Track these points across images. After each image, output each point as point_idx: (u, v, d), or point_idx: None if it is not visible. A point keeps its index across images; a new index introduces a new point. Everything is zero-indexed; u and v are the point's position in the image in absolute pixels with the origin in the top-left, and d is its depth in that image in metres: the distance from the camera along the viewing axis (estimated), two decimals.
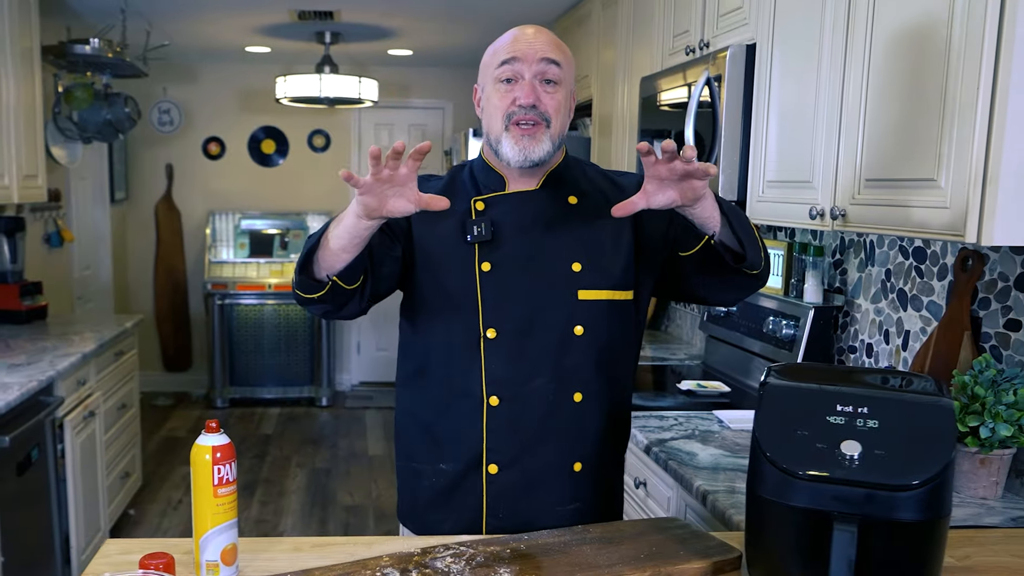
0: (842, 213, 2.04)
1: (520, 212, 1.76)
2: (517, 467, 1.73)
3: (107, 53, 4.42)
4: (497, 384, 1.72)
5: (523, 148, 1.69)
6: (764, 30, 2.44)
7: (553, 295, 1.73)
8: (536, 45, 1.70)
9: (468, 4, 4.57)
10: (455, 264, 1.74)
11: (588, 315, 1.73)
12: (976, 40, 1.61)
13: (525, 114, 1.68)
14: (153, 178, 6.90)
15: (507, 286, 1.72)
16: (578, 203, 1.77)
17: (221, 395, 6.56)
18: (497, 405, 1.72)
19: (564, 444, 1.75)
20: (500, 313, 1.72)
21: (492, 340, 1.72)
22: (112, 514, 4.06)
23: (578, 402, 1.74)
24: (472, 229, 1.73)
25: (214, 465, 1.44)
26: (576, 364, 1.74)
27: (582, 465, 1.76)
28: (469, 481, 1.75)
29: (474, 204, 1.77)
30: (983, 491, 1.93)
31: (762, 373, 2.88)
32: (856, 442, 1.42)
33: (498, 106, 1.71)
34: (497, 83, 1.71)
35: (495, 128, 1.72)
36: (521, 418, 1.72)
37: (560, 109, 1.71)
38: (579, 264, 1.73)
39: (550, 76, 1.70)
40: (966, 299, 2.11)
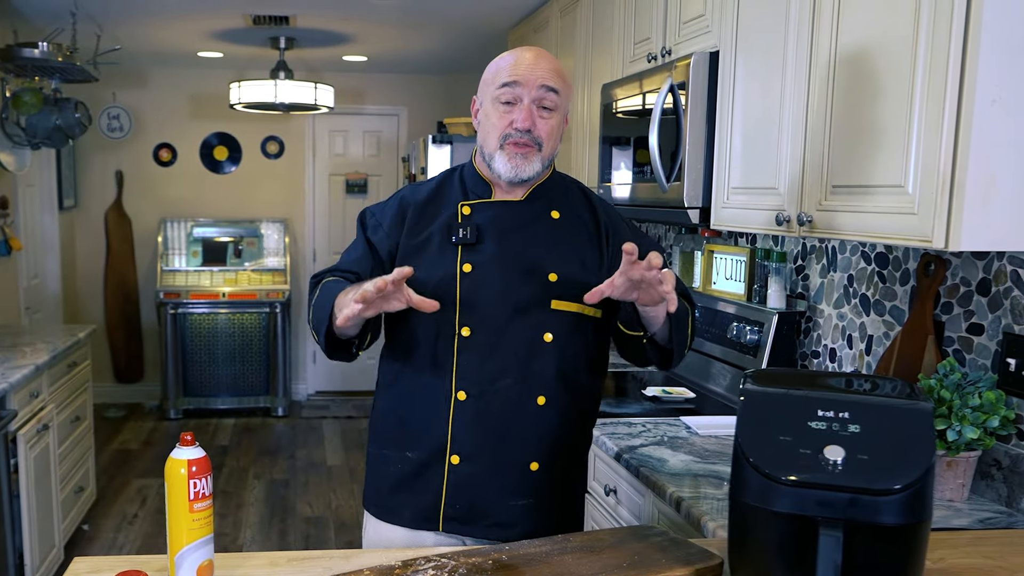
0: (809, 219, 2.06)
1: (504, 220, 1.86)
2: (477, 460, 1.82)
3: (57, 57, 4.31)
4: (466, 380, 1.81)
5: (515, 167, 1.81)
6: (727, 37, 2.46)
7: (528, 301, 1.81)
8: (537, 72, 1.79)
9: (424, 10, 4.55)
10: (438, 263, 1.83)
11: (558, 325, 1.82)
12: (942, 45, 1.63)
13: (520, 137, 1.79)
14: (102, 185, 6.76)
15: (484, 288, 1.81)
16: (560, 218, 1.88)
17: (174, 406, 6.44)
18: (464, 400, 1.81)
19: (523, 443, 1.83)
20: (475, 313, 1.81)
21: (466, 338, 1.81)
22: (66, 529, 3.96)
23: (540, 405, 1.82)
24: (458, 231, 1.84)
25: (190, 479, 1.41)
26: (542, 369, 1.82)
27: (539, 465, 1.84)
28: (432, 469, 1.84)
29: (460, 208, 1.87)
30: (950, 493, 1.96)
31: (725, 378, 2.93)
32: (839, 447, 1.43)
33: (496, 125, 1.82)
34: (496, 103, 1.82)
35: (490, 144, 1.83)
36: (486, 414, 1.81)
37: (552, 133, 1.83)
38: (556, 275, 1.82)
39: (547, 103, 1.80)
40: (929, 304, 2.15)
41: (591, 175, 3.57)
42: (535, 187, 1.89)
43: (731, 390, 2.91)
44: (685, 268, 3.42)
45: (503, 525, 1.84)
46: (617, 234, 1.91)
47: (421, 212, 1.91)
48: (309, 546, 4.27)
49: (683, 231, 3.50)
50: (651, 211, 2.86)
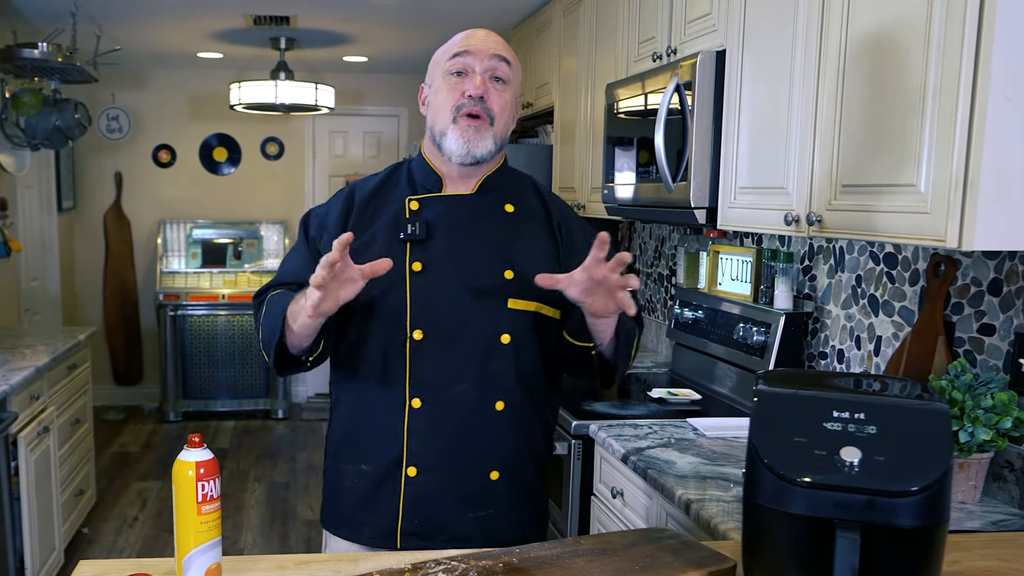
0: (818, 219, 2.04)
1: (455, 214, 1.76)
2: (435, 471, 1.73)
3: (56, 58, 4.29)
4: (420, 387, 1.72)
5: (467, 141, 1.71)
6: (734, 36, 2.44)
7: (482, 300, 1.72)
8: (488, 43, 1.74)
9: (425, 10, 4.54)
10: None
11: (515, 325, 1.74)
12: (955, 42, 1.61)
13: (473, 105, 1.70)
14: (101, 186, 6.74)
15: (437, 288, 1.72)
16: (514, 212, 1.79)
17: (174, 408, 6.41)
18: (419, 408, 1.72)
19: (482, 451, 1.75)
20: (428, 315, 1.71)
21: (418, 342, 1.71)
22: (66, 532, 3.93)
23: (499, 411, 1.74)
24: (406, 227, 1.73)
25: (198, 481, 1.40)
26: (500, 372, 1.73)
27: (499, 474, 1.76)
28: (388, 483, 1.76)
29: (408, 203, 1.77)
30: (962, 495, 1.95)
31: (731, 379, 2.92)
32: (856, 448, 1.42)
33: (447, 98, 1.72)
34: (447, 76, 1.73)
35: (441, 121, 1.73)
36: (442, 422, 1.72)
37: (506, 109, 1.74)
38: (511, 272, 1.73)
39: (500, 74, 1.73)
40: (939, 304, 2.13)
41: (595, 176, 3.55)
42: (487, 178, 1.80)
43: (737, 391, 2.89)
44: (690, 269, 3.41)
45: (461, 539, 1.75)
46: (570, 231, 1.83)
47: (365, 208, 1.80)
48: (310, 549, 4.25)
49: (688, 231, 3.48)
50: (656, 211, 2.84)
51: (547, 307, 1.76)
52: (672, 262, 3.68)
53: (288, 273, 1.82)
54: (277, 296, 1.74)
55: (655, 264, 3.88)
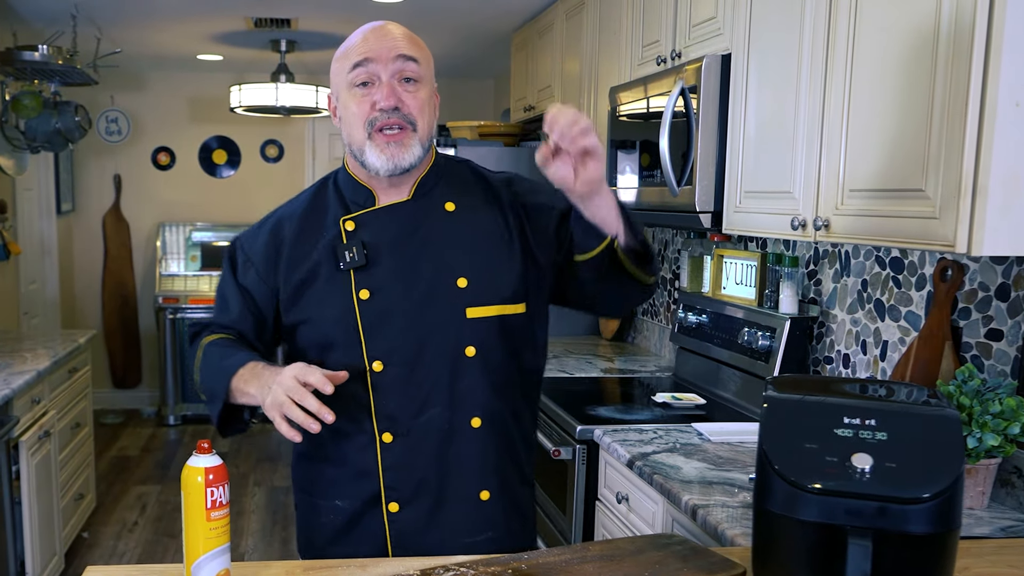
0: (825, 224, 2.04)
1: (394, 228, 1.64)
2: (418, 503, 1.65)
3: (57, 60, 4.29)
4: (388, 420, 1.63)
5: (391, 156, 1.59)
6: (740, 40, 2.44)
7: (439, 316, 1.62)
8: (389, 42, 1.59)
9: (426, 13, 4.53)
10: (331, 295, 1.63)
11: (479, 334, 1.63)
12: (964, 47, 1.61)
13: (388, 118, 1.57)
14: (100, 189, 6.73)
15: (388, 313, 1.62)
16: (456, 210, 1.67)
17: (173, 412, 6.40)
18: (391, 442, 1.63)
19: (467, 473, 1.66)
20: (384, 343, 1.62)
21: (379, 373, 1.62)
22: (67, 537, 3.92)
23: (477, 427, 1.65)
24: (344, 255, 1.62)
25: (207, 488, 1.39)
26: (470, 387, 1.64)
27: (490, 493, 1.68)
28: (368, 518, 1.67)
29: (343, 225, 1.65)
30: (970, 501, 1.94)
31: (735, 384, 2.91)
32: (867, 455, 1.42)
33: (356, 113, 1.59)
34: (352, 88, 1.60)
35: (357, 137, 1.61)
36: (417, 453, 1.63)
37: (424, 108, 1.61)
38: (464, 279, 1.62)
39: (409, 74, 1.59)
40: (946, 309, 2.13)
41: None
42: (421, 179, 1.67)
43: (741, 396, 2.88)
44: (694, 273, 3.40)
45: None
46: (529, 201, 1.70)
47: (298, 238, 1.68)
48: None
49: (692, 235, 3.48)
50: (660, 215, 2.84)
51: (510, 305, 1.65)
52: (676, 266, 3.68)
53: (223, 314, 1.72)
54: (213, 350, 1.65)
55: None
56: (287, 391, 1.46)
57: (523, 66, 4.77)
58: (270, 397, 1.48)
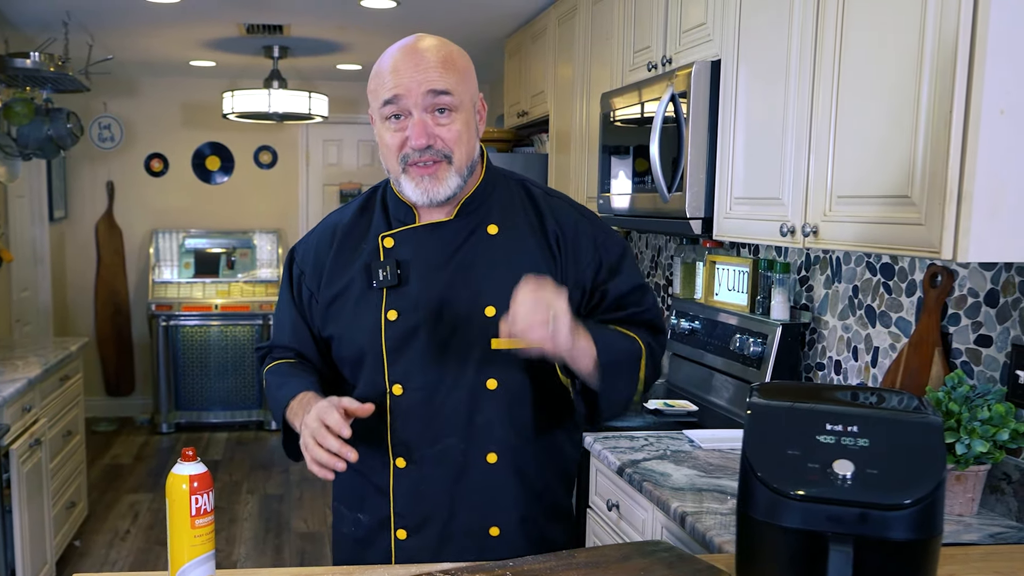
0: (813, 230, 2.03)
1: (430, 248, 1.61)
2: (426, 533, 1.63)
3: (48, 67, 4.28)
4: (403, 445, 1.60)
5: (425, 190, 1.55)
6: (729, 46, 2.44)
7: (463, 345, 1.58)
8: (420, 74, 1.51)
9: (419, 18, 4.53)
10: (362, 313, 1.61)
11: (502, 368, 1.58)
12: (948, 54, 1.61)
13: (420, 156, 1.53)
14: (93, 196, 6.71)
15: (414, 336, 1.58)
16: (499, 233, 1.62)
17: (166, 420, 6.38)
18: (404, 467, 1.61)
19: (477, 508, 1.62)
20: (406, 367, 1.58)
21: (398, 397, 1.59)
22: (58, 546, 3.90)
23: (492, 463, 1.60)
24: (378, 273, 1.59)
25: (191, 495, 1.40)
26: (488, 422, 1.59)
27: (500, 530, 1.63)
28: (380, 539, 1.66)
29: (382, 241, 1.63)
30: (959, 507, 1.94)
31: (728, 390, 2.91)
32: (848, 461, 1.42)
33: (390, 146, 1.56)
34: (385, 121, 1.56)
35: (392, 167, 1.58)
36: (429, 481, 1.60)
37: (461, 138, 1.55)
38: (493, 308, 1.56)
39: (444, 105, 1.53)
40: (936, 315, 2.13)
41: (590, 185, 3.55)
42: (466, 200, 1.62)
43: (733, 403, 2.88)
44: (687, 279, 3.40)
45: None
46: (573, 240, 1.64)
47: (340, 250, 1.66)
48: (304, 562, 4.22)
49: (684, 242, 3.48)
50: (652, 221, 2.83)
51: None
52: (669, 272, 3.68)
53: (281, 332, 1.73)
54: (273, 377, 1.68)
55: (652, 274, 3.87)
56: (312, 433, 1.46)
57: (516, 71, 4.77)
58: (301, 439, 1.51)
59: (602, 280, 1.65)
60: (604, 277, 1.65)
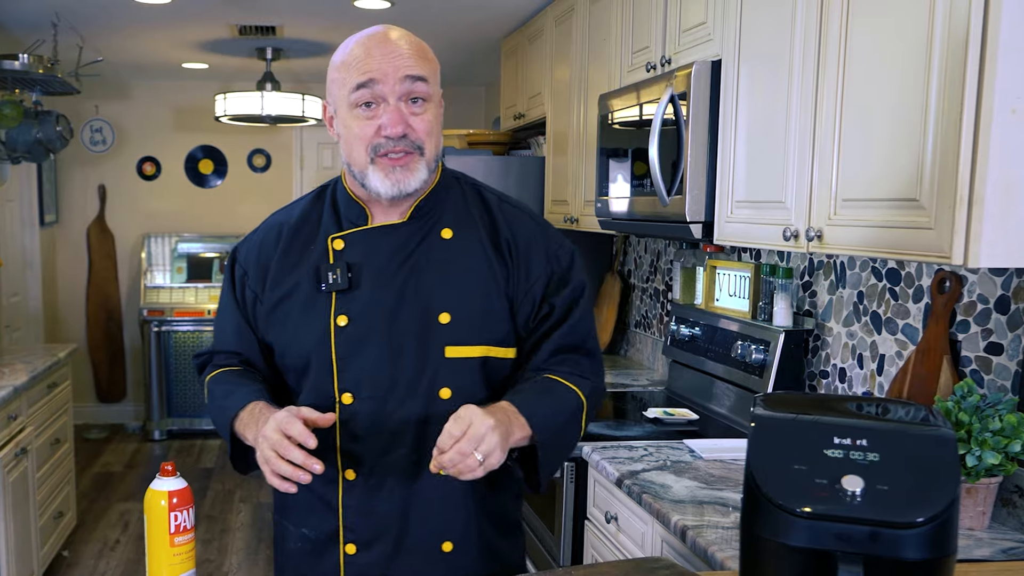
0: (818, 234, 1.98)
1: (382, 251, 1.55)
2: (377, 548, 1.56)
3: (37, 69, 4.21)
4: (353, 456, 1.54)
5: (395, 181, 1.49)
6: (730, 46, 2.38)
7: (417, 352, 1.52)
8: (396, 60, 1.47)
9: (414, 19, 4.47)
10: (309, 318, 1.54)
11: (457, 376, 1.53)
12: (958, 51, 1.56)
13: (394, 145, 1.48)
14: (85, 200, 6.64)
15: (365, 343, 1.52)
16: (453, 237, 1.57)
17: (158, 427, 6.30)
18: (353, 480, 1.54)
19: (429, 522, 1.56)
20: (356, 375, 1.52)
21: (348, 406, 1.53)
22: (45, 557, 3.83)
23: (445, 475, 1.53)
24: (327, 276, 1.53)
25: (170, 512, 1.38)
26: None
27: (453, 545, 1.57)
28: (328, 556, 1.58)
29: (331, 243, 1.56)
30: (970, 521, 1.87)
31: (729, 398, 2.84)
32: (858, 477, 1.36)
33: (359, 135, 1.49)
34: (355, 108, 1.49)
35: (358, 159, 1.51)
36: (380, 494, 1.54)
37: (432, 130, 1.52)
38: (447, 315, 1.52)
39: (418, 93, 1.49)
40: (944, 322, 2.06)
41: (588, 189, 3.48)
42: (420, 202, 1.57)
43: (735, 411, 2.81)
44: (687, 284, 3.33)
45: None
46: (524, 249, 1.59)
47: (286, 250, 1.59)
48: None
49: (684, 246, 3.41)
50: (651, 225, 2.77)
51: (498, 348, 1.56)
52: (668, 277, 3.61)
53: (224, 337, 1.66)
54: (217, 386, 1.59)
55: (651, 279, 3.81)
56: (272, 445, 1.38)
57: (513, 73, 4.71)
58: (258, 452, 1.42)
59: (551, 293, 1.60)
60: (553, 290, 1.60)
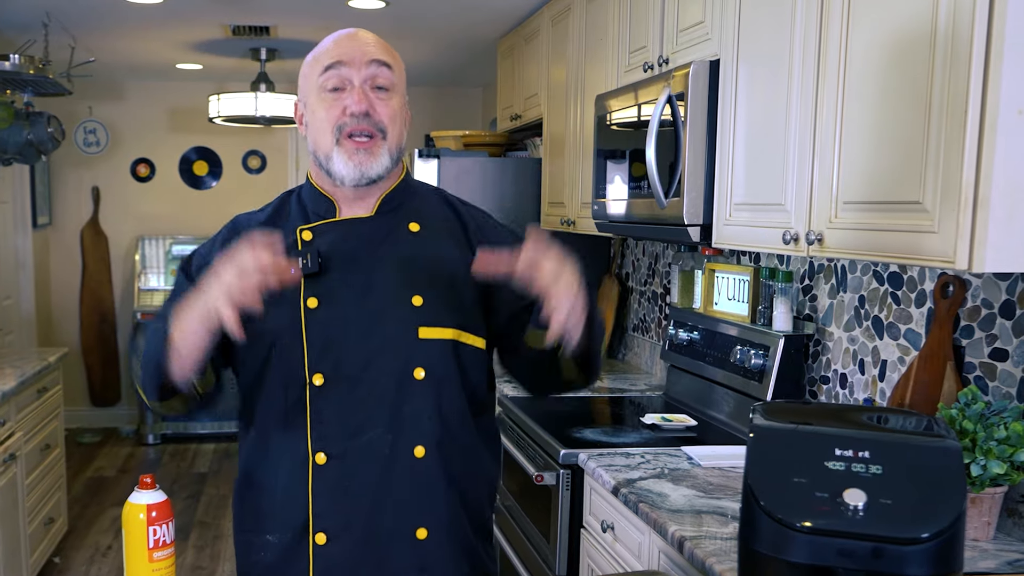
0: (818, 238, 1.93)
1: (352, 240, 1.57)
2: (348, 536, 1.51)
3: (28, 70, 4.15)
4: (324, 439, 1.50)
5: (358, 164, 1.53)
6: (728, 45, 2.34)
7: (390, 333, 1.53)
8: (362, 47, 1.54)
9: (410, 20, 4.43)
10: (279, 303, 1.49)
11: (430, 356, 1.53)
12: (963, 52, 1.51)
13: (358, 123, 1.52)
14: (78, 202, 6.59)
15: (337, 324, 1.52)
16: (420, 231, 1.61)
17: (152, 431, 6.24)
18: (324, 463, 1.50)
19: (404, 506, 1.53)
20: (328, 355, 1.51)
21: (319, 387, 1.50)
22: (35, 563, 3.78)
23: (420, 457, 1.52)
24: (297, 261, 1.52)
25: (149, 526, 1.34)
26: (416, 412, 1.53)
27: (428, 531, 1.54)
28: (297, 553, 1.52)
29: (300, 234, 1.57)
30: (974, 532, 1.83)
31: (728, 404, 2.80)
32: (860, 490, 1.32)
33: (325, 118, 1.53)
34: (322, 92, 1.54)
35: (324, 143, 1.54)
36: (352, 477, 1.51)
37: (396, 118, 1.56)
38: (420, 298, 1.54)
39: (381, 81, 1.54)
40: (947, 327, 2.02)
41: (584, 191, 3.44)
42: (386, 196, 1.61)
43: (734, 417, 2.77)
44: (685, 288, 3.29)
45: None
46: (488, 240, 1.63)
47: None
48: None
49: (682, 249, 3.36)
50: (648, 228, 2.73)
51: (468, 334, 1.58)
52: (666, 280, 3.56)
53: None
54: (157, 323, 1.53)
55: (649, 282, 3.76)
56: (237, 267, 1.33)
57: (509, 74, 4.67)
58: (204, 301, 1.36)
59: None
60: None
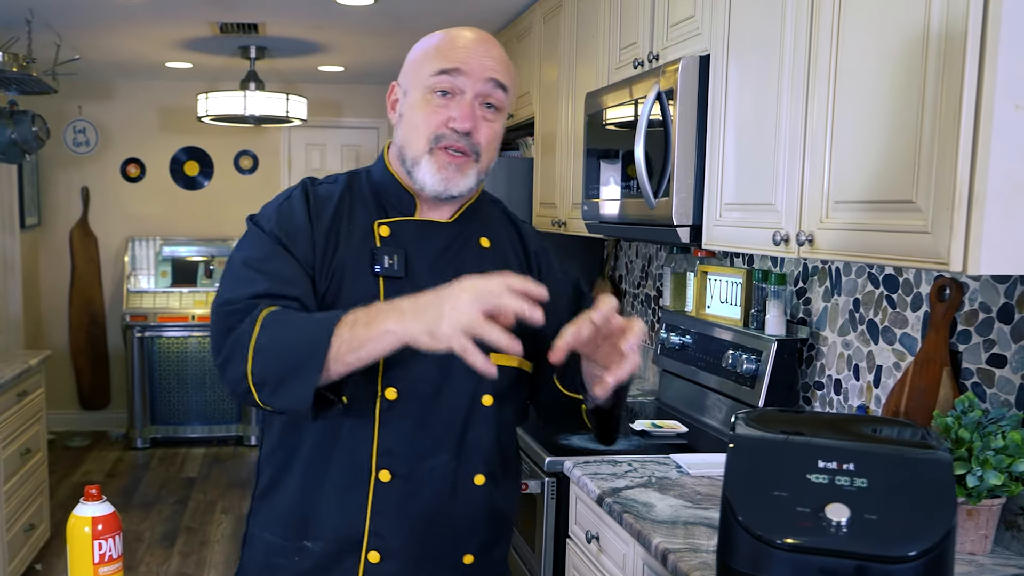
0: (809, 239, 1.87)
1: (430, 245, 1.49)
2: (401, 557, 1.45)
3: (11, 68, 4.10)
4: (391, 456, 1.43)
5: (445, 179, 1.44)
6: (719, 40, 2.27)
7: None
8: (486, 60, 1.44)
9: (402, 17, 4.36)
10: (354, 299, 1.39)
11: (499, 384, 1.47)
12: (957, 44, 1.46)
13: (457, 140, 1.43)
14: (67, 202, 6.53)
15: None
16: (490, 247, 1.55)
17: (141, 435, 6.16)
18: (389, 481, 1.43)
19: (458, 532, 1.49)
20: (405, 370, 1.42)
21: (391, 402, 1.43)
22: (14, 571, 3.71)
23: (479, 485, 1.48)
24: (382, 260, 1.44)
25: (94, 540, 1.30)
26: (478, 440, 1.48)
27: (473, 558, 1.50)
28: (342, 566, 1.45)
29: (377, 228, 1.48)
30: (971, 546, 1.75)
31: (720, 410, 2.73)
32: (843, 505, 1.26)
33: (424, 122, 1.44)
34: (429, 93, 1.44)
35: (416, 146, 1.45)
36: (415, 499, 1.44)
37: (493, 141, 1.48)
38: None
39: (494, 101, 1.46)
40: (944, 332, 1.95)
41: (576, 191, 3.37)
42: (467, 207, 1.54)
43: (727, 424, 2.69)
44: (677, 290, 3.22)
45: None
46: (548, 264, 1.61)
47: (331, 222, 1.48)
48: None
49: (675, 250, 3.29)
50: (639, 229, 2.66)
51: (526, 361, 1.51)
52: (659, 283, 3.49)
53: (279, 282, 1.41)
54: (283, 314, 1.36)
55: (641, 285, 3.69)
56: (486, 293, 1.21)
57: None
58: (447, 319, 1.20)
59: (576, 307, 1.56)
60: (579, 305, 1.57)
